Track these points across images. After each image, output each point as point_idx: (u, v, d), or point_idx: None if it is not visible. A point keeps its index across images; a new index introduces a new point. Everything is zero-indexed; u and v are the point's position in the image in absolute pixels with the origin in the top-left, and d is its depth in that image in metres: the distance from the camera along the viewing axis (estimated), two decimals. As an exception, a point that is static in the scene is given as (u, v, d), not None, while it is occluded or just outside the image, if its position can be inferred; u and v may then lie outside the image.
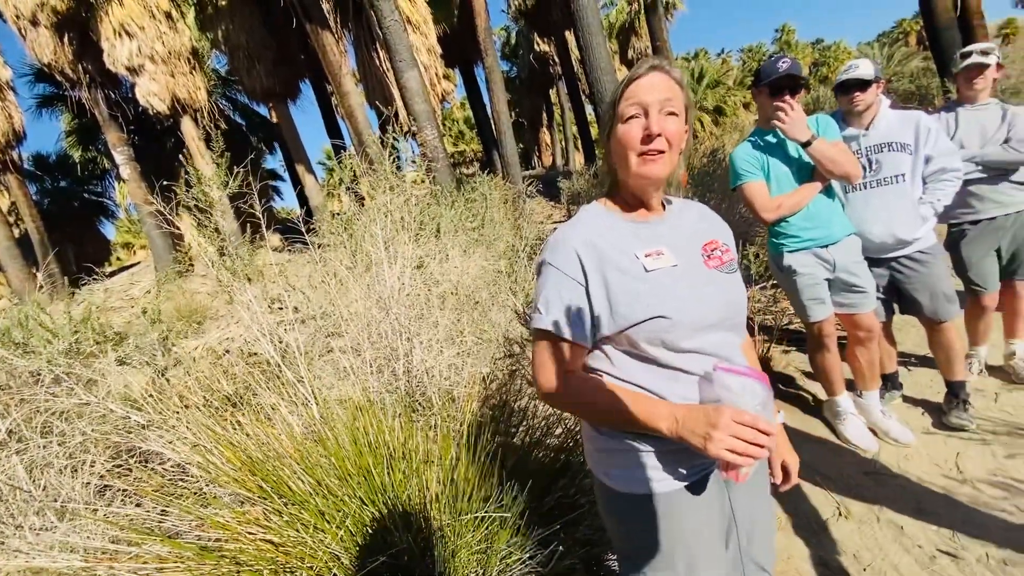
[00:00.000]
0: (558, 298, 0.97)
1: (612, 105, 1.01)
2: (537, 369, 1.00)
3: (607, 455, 1.02)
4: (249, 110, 17.48)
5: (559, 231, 1.03)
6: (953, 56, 2.56)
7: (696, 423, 0.85)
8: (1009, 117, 2.37)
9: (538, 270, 1.05)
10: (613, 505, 1.02)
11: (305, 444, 1.62)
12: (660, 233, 1.03)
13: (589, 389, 0.97)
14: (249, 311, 2.05)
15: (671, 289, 0.95)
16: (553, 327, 0.97)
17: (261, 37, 11.77)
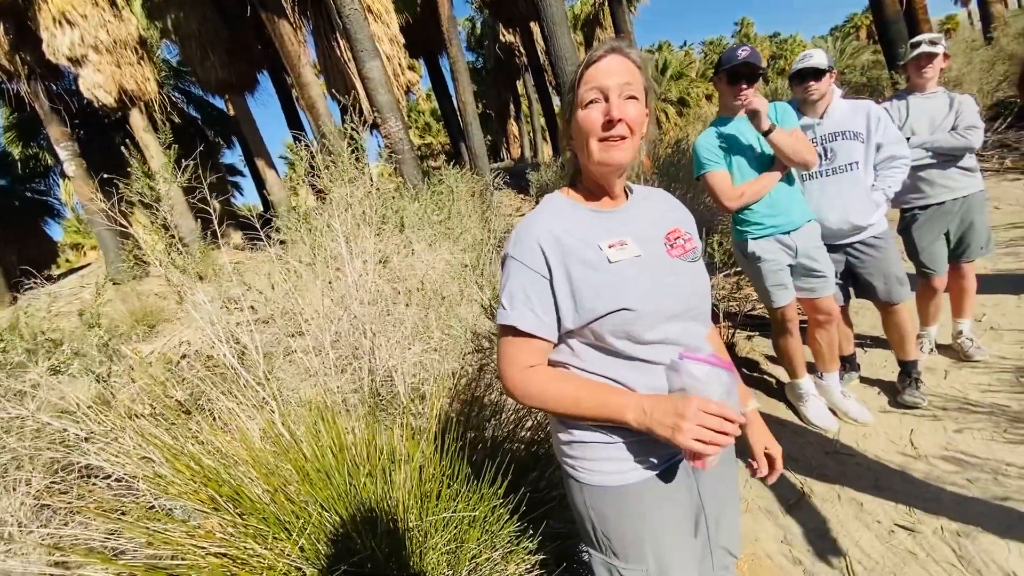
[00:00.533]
0: (522, 292, 0.95)
1: (571, 89, 0.98)
2: (503, 365, 0.98)
3: (575, 448, 1.00)
4: (204, 103, 16.76)
5: (522, 224, 1.00)
6: (900, 49, 2.64)
7: (664, 414, 0.84)
8: (956, 105, 2.47)
9: (502, 263, 1.02)
10: (582, 498, 1.01)
11: (263, 450, 1.55)
12: (623, 222, 1.02)
13: (555, 383, 0.95)
14: (201, 312, 1.95)
15: (635, 281, 0.94)
16: (518, 322, 0.94)
17: (214, 26, 11.26)
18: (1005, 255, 3.58)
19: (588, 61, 0.96)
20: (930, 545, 1.71)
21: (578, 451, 1.00)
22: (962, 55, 6.81)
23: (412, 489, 1.52)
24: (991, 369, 2.53)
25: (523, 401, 0.97)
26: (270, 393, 1.88)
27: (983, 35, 8.91)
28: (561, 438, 1.03)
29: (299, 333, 2.34)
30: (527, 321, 0.94)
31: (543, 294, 0.95)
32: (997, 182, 4.98)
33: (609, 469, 0.97)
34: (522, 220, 1.02)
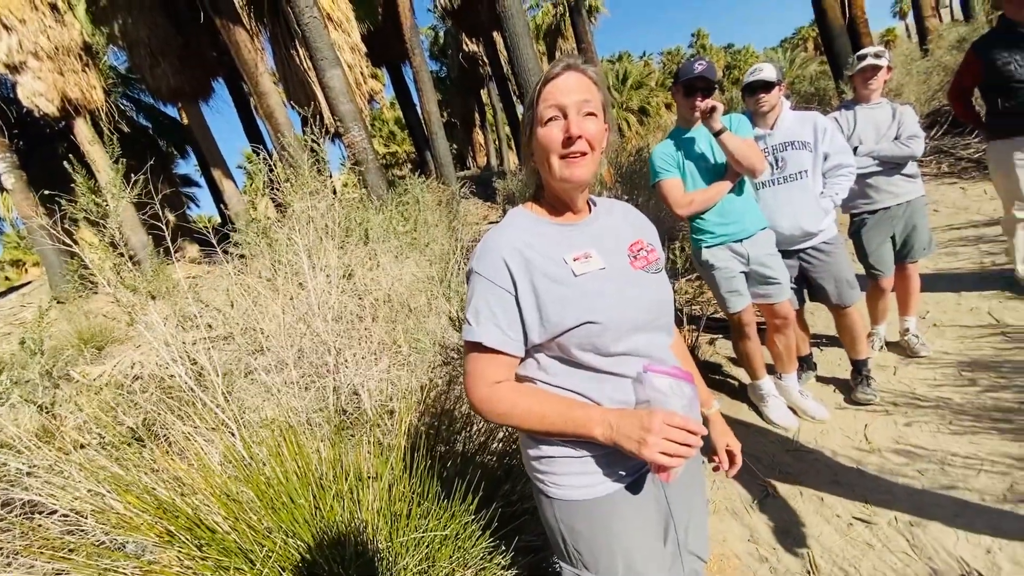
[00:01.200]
0: (487, 308, 0.95)
1: (530, 107, 0.99)
2: (469, 381, 0.98)
3: (544, 463, 1.00)
4: (156, 111, 16.11)
5: (486, 238, 1.00)
6: (846, 60, 2.78)
7: (630, 428, 0.86)
8: (898, 115, 2.63)
9: (467, 278, 1.02)
10: (553, 512, 1.01)
11: (222, 475, 1.49)
12: (587, 235, 1.03)
13: (522, 399, 0.95)
14: (153, 332, 1.86)
15: (600, 294, 0.95)
16: (483, 338, 0.94)
17: (165, 32, 10.86)
18: (945, 255, 3.81)
19: (545, 79, 0.97)
20: (885, 536, 1.79)
21: (547, 466, 1.00)
22: (901, 66, 7.25)
23: (381, 509, 1.49)
24: (935, 364, 2.67)
25: (490, 418, 0.96)
26: (230, 415, 1.81)
27: (920, 47, 9.51)
28: (530, 453, 1.03)
29: (260, 351, 2.27)
30: (493, 337, 0.94)
31: (508, 309, 0.95)
32: (935, 186, 5.30)
33: (578, 483, 0.97)
34: (486, 235, 1.01)
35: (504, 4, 6.06)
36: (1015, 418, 2.14)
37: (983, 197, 4.70)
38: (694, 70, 2.13)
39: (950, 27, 9.70)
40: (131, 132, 14.88)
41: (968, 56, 3.01)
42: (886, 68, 2.62)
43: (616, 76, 26.54)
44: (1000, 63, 2.80)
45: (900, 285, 2.84)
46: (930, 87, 6.92)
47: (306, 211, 2.40)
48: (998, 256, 3.54)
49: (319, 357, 2.01)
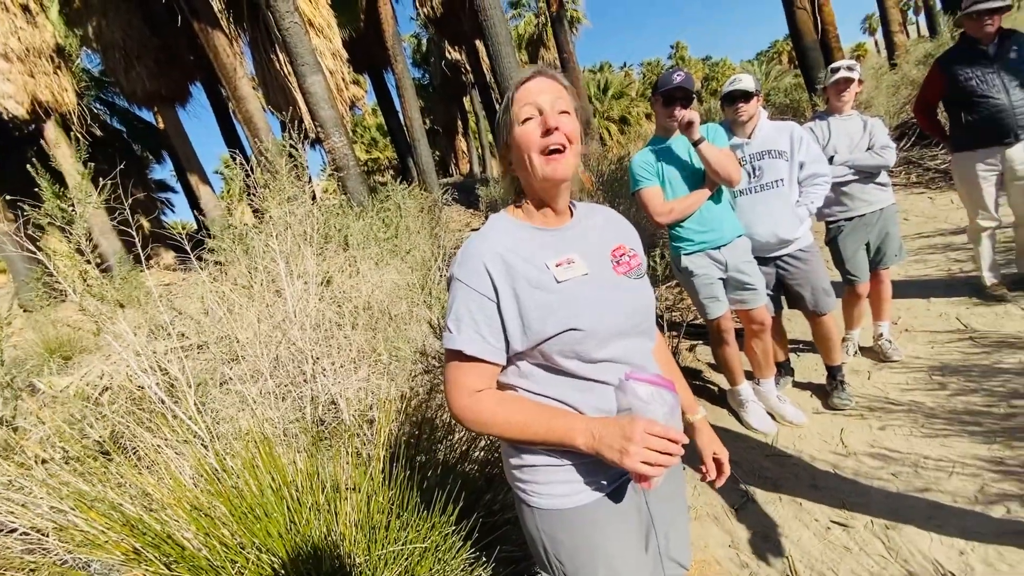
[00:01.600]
0: (468, 315, 0.93)
1: (505, 111, 1.00)
2: (450, 390, 0.96)
3: (526, 472, 0.99)
4: (130, 115, 15.77)
5: (467, 244, 0.99)
6: (819, 74, 2.87)
7: (612, 438, 0.85)
8: (869, 127, 2.71)
9: (448, 285, 1.00)
10: (534, 522, 1.00)
11: (193, 490, 1.44)
12: (569, 239, 1.02)
13: (503, 408, 0.94)
14: (123, 342, 1.80)
15: (583, 300, 0.94)
16: (464, 346, 0.93)
17: (141, 35, 10.66)
18: (915, 262, 3.92)
19: (518, 83, 0.99)
20: (862, 539, 1.81)
21: (528, 475, 0.99)
22: (871, 80, 7.49)
23: (359, 522, 1.45)
24: (908, 368, 2.74)
25: (471, 427, 0.94)
26: (202, 427, 1.76)
27: (888, 62, 9.85)
28: (511, 462, 1.02)
29: (235, 360, 2.21)
30: (474, 345, 0.93)
31: (490, 317, 0.93)
32: (905, 196, 5.47)
33: (560, 492, 0.96)
34: (467, 241, 1.00)
35: (487, 13, 6.10)
36: (984, 421, 2.20)
37: (950, 206, 4.86)
38: (672, 81, 2.17)
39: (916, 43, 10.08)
40: (104, 136, 14.54)
41: (932, 71, 3.13)
42: (857, 81, 2.70)
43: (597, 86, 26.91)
44: (962, 78, 2.92)
45: (873, 291, 2.91)
46: (899, 100, 7.16)
47: (284, 217, 2.35)
48: (965, 263, 3.65)
49: (296, 366, 1.97)
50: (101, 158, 12.68)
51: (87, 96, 13.75)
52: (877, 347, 2.93)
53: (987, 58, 2.85)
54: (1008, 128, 2.84)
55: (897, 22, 10.71)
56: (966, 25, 2.91)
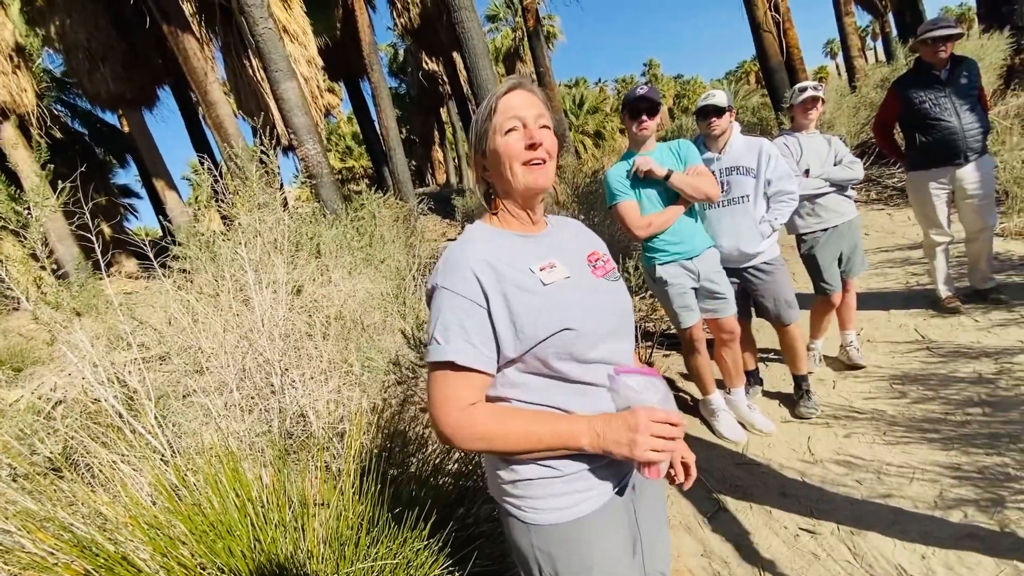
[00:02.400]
0: (458, 324, 0.89)
1: (487, 118, 1.00)
2: (437, 406, 0.89)
3: (520, 487, 0.96)
4: (93, 117, 15.25)
5: (450, 253, 0.97)
6: (784, 94, 2.99)
7: (617, 432, 0.85)
8: (834, 144, 2.83)
9: (430, 296, 0.96)
10: (528, 540, 0.96)
11: (150, 508, 1.37)
12: (548, 245, 1.03)
13: (500, 420, 0.89)
14: (78, 353, 1.71)
15: (571, 300, 0.94)
16: (456, 356, 0.87)
17: (107, 36, 10.36)
18: (875, 275, 4.08)
19: (499, 95, 1.00)
20: (829, 545, 1.85)
21: (523, 490, 0.95)
22: (833, 101, 7.83)
23: (328, 538, 1.40)
24: (870, 377, 2.83)
25: (465, 445, 0.89)
26: (162, 441, 1.68)
27: (849, 84, 10.32)
28: (503, 477, 0.97)
29: (199, 371, 2.13)
30: (466, 355, 0.88)
31: (481, 324, 0.90)
32: (865, 212, 5.70)
33: (557, 505, 0.94)
34: (448, 250, 0.98)
35: (464, 26, 6.15)
36: (942, 428, 2.29)
37: (907, 223, 5.08)
38: (636, 93, 2.25)
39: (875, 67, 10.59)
40: (64, 139, 14.01)
41: (889, 94, 3.30)
42: (821, 100, 2.82)
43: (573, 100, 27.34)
44: (917, 102, 3.09)
45: (841, 301, 3.01)
46: (859, 120, 7.49)
47: (254, 224, 2.29)
48: (922, 277, 3.82)
49: (264, 377, 1.91)
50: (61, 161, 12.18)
51: (48, 97, 13.24)
52: (843, 354, 3.02)
53: (940, 83, 3.02)
54: (958, 149, 3.01)
55: (857, 47, 11.25)
56: (920, 51, 3.07)
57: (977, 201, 3.06)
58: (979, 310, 3.18)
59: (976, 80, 3.00)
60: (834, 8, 11.22)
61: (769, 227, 2.48)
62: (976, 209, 3.08)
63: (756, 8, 8.93)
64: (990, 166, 3.05)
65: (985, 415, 2.30)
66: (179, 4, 8.34)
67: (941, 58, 2.97)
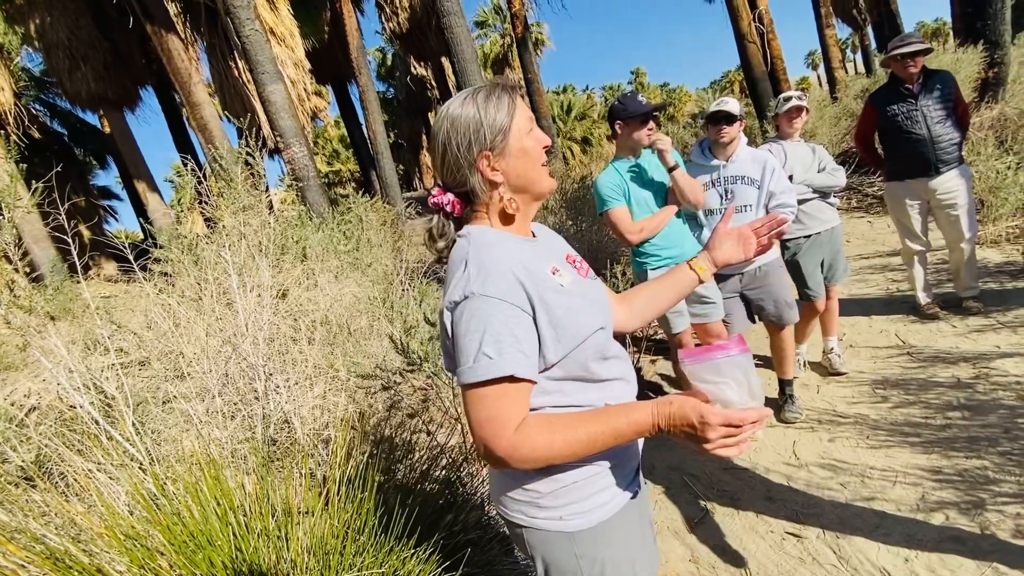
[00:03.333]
0: (510, 335, 0.82)
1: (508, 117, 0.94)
2: (494, 428, 0.80)
3: (561, 495, 0.92)
4: (73, 117, 14.95)
5: (480, 258, 0.88)
6: (768, 103, 3.04)
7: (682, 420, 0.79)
8: (818, 152, 2.89)
9: (456, 309, 0.86)
10: (571, 550, 0.92)
11: (127, 518, 1.33)
12: (543, 249, 1.02)
13: (558, 430, 0.82)
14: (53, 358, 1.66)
15: (589, 300, 0.95)
16: (516, 369, 0.80)
17: (89, 35, 10.19)
18: (857, 282, 4.15)
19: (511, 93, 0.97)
20: (815, 549, 1.86)
21: (564, 497, 0.92)
22: (815, 111, 7.98)
23: (312, 547, 1.37)
24: (853, 382, 2.87)
25: (522, 465, 0.82)
26: (140, 449, 1.64)
27: (830, 95, 10.55)
28: (540, 489, 0.92)
29: (180, 377, 2.08)
30: (524, 366, 0.81)
31: (528, 331, 0.85)
32: (846, 220, 5.81)
33: (601, 501, 0.93)
34: (475, 256, 0.89)
35: (453, 32, 6.16)
36: (923, 432, 2.33)
37: (887, 230, 5.19)
38: (642, 104, 2.30)
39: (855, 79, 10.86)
40: (43, 139, 13.70)
41: (865, 107, 3.40)
42: (806, 110, 2.87)
43: (561, 107, 27.53)
44: (889, 114, 3.19)
45: (824, 307, 3.05)
46: (839, 130, 7.65)
47: (238, 227, 2.25)
48: (902, 283, 3.90)
49: (247, 383, 1.87)
50: (38, 161, 11.92)
51: (26, 96, 12.96)
52: (826, 360, 3.06)
53: (912, 96, 3.10)
54: (929, 161, 3.10)
55: (837, 59, 11.51)
56: (892, 66, 3.15)
57: (952, 212, 3.13)
58: (957, 316, 3.25)
59: (950, 92, 3.06)
60: (816, 21, 11.48)
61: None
62: (951, 220, 3.15)
63: (741, 19, 9.10)
64: (965, 177, 3.11)
65: (964, 419, 2.34)
66: (163, 4, 8.24)
67: (910, 73, 3.06)
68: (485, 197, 0.97)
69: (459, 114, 0.93)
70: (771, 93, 9.14)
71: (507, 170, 0.96)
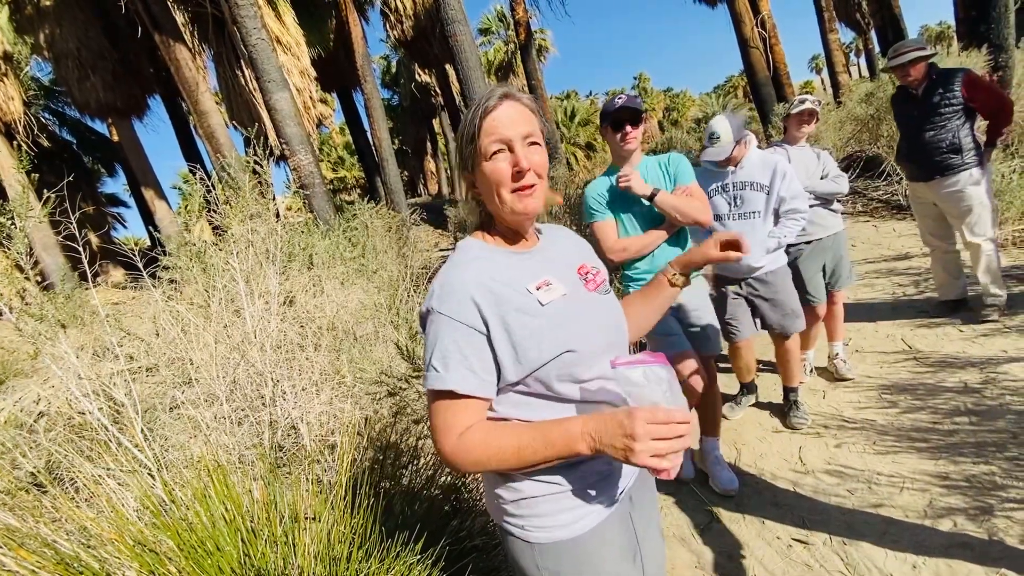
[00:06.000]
0: (457, 352, 0.86)
1: (471, 139, 0.94)
2: (439, 434, 0.88)
3: (523, 506, 0.94)
4: (82, 126, 15.14)
5: (447, 275, 0.92)
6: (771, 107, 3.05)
7: (612, 437, 0.78)
8: (823, 158, 2.88)
9: (424, 320, 0.92)
10: (534, 561, 0.94)
11: (137, 524, 1.34)
12: (541, 262, 1.00)
13: (493, 437, 0.87)
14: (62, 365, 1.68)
15: (570, 320, 0.92)
16: (457, 385, 0.85)
17: (98, 45, 10.33)
18: (863, 287, 4.13)
19: (484, 111, 0.92)
20: (822, 556, 1.85)
21: (527, 508, 0.93)
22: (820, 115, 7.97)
23: (319, 553, 1.38)
24: (859, 387, 2.86)
25: (464, 468, 0.87)
26: (149, 455, 1.65)
27: (834, 99, 10.54)
28: (504, 496, 0.95)
29: (188, 383, 2.10)
30: (468, 383, 0.86)
31: (481, 350, 0.88)
32: (852, 224, 5.79)
33: (563, 521, 0.92)
34: (444, 272, 0.94)
35: (457, 39, 6.21)
36: (930, 437, 2.31)
37: (892, 234, 5.17)
38: (615, 104, 2.02)
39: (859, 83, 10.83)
40: (52, 147, 13.88)
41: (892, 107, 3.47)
42: (817, 115, 2.88)
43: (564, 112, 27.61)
44: (896, 117, 3.25)
45: (828, 312, 3.04)
46: (843, 135, 7.64)
47: (246, 234, 2.28)
48: (908, 288, 3.88)
49: (255, 389, 1.88)
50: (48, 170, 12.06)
51: (35, 106, 13.14)
52: (831, 366, 3.05)
53: (915, 100, 3.10)
54: (922, 166, 3.11)
55: (841, 63, 11.51)
56: (895, 73, 3.16)
57: (954, 216, 3.13)
58: (965, 321, 3.23)
59: (955, 94, 2.96)
60: (819, 25, 11.49)
61: (776, 241, 2.47)
62: (959, 224, 3.14)
63: (744, 25, 9.12)
64: (973, 183, 3.00)
65: (972, 424, 2.33)
66: (171, 14, 8.35)
67: (909, 80, 3.08)
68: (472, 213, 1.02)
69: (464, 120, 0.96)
70: (775, 98, 9.15)
71: (480, 191, 0.98)
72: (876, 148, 6.90)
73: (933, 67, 3.06)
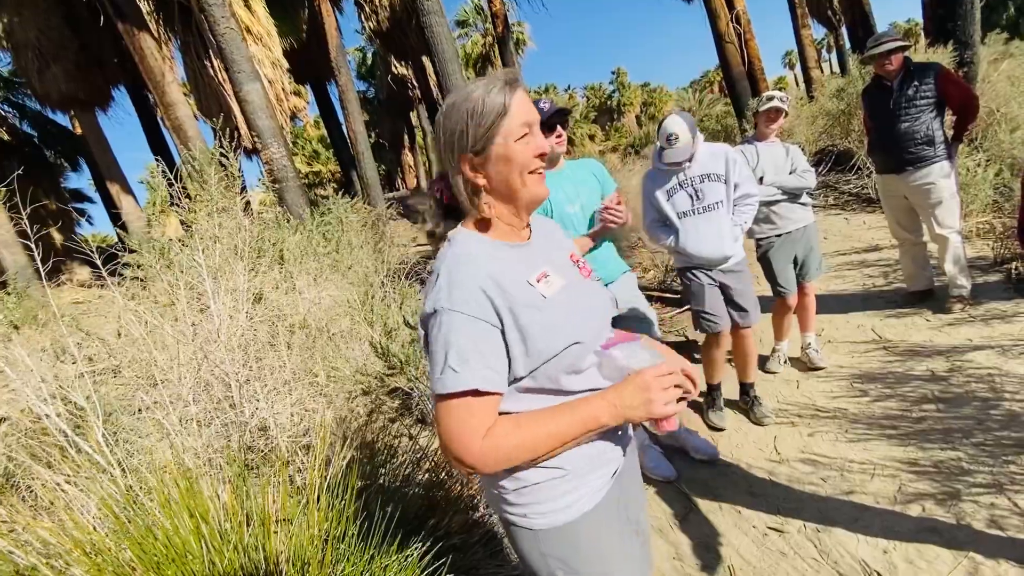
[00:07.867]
0: (474, 348, 0.83)
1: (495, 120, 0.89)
2: (461, 439, 0.83)
3: (525, 494, 0.93)
4: (43, 119, 14.51)
5: (451, 270, 0.88)
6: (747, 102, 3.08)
7: (631, 398, 0.85)
8: (791, 153, 2.91)
9: (428, 321, 0.88)
10: (537, 548, 0.95)
11: (95, 532, 1.28)
12: (537, 254, 0.99)
13: (522, 430, 0.86)
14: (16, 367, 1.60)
15: (573, 312, 0.92)
16: (479, 383, 0.82)
17: (58, 34, 9.88)
18: (834, 278, 4.22)
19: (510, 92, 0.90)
20: (796, 543, 1.88)
21: (529, 496, 0.93)
22: (792, 110, 8.11)
23: (290, 557, 1.34)
24: (832, 377, 2.92)
25: (495, 468, 0.85)
26: (111, 460, 1.58)
27: (807, 94, 10.73)
28: (505, 486, 0.94)
29: (153, 385, 2.02)
30: (489, 380, 0.83)
31: (496, 345, 0.86)
32: (823, 217, 5.91)
33: (563, 504, 0.93)
34: (449, 266, 0.89)
35: (433, 30, 6.11)
36: (900, 424, 2.37)
37: (863, 227, 5.29)
38: (543, 109, 1.94)
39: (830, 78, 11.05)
40: (12, 141, 13.30)
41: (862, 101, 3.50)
42: (784, 112, 2.91)
43: (543, 106, 27.54)
44: (868, 109, 3.31)
45: (800, 304, 3.09)
46: (816, 129, 7.78)
47: (212, 230, 2.19)
48: (878, 279, 3.97)
49: (223, 390, 1.82)
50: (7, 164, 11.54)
51: (-8, 97, 12.55)
52: (804, 355, 3.10)
53: (890, 92, 3.15)
54: (892, 157, 3.18)
55: (813, 59, 11.73)
56: (872, 64, 3.22)
57: (926, 209, 3.20)
58: (931, 311, 3.32)
59: (930, 87, 3.02)
60: (792, 22, 11.68)
61: (739, 229, 2.51)
62: (926, 216, 3.22)
63: (719, 20, 9.21)
64: (939, 175, 3.07)
65: (939, 411, 2.39)
66: (135, 1, 8.03)
67: (887, 70, 3.13)
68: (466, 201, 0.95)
69: (453, 105, 0.92)
70: (750, 92, 9.27)
71: (491, 175, 0.93)
72: (847, 143, 7.04)
73: (908, 60, 3.13)
